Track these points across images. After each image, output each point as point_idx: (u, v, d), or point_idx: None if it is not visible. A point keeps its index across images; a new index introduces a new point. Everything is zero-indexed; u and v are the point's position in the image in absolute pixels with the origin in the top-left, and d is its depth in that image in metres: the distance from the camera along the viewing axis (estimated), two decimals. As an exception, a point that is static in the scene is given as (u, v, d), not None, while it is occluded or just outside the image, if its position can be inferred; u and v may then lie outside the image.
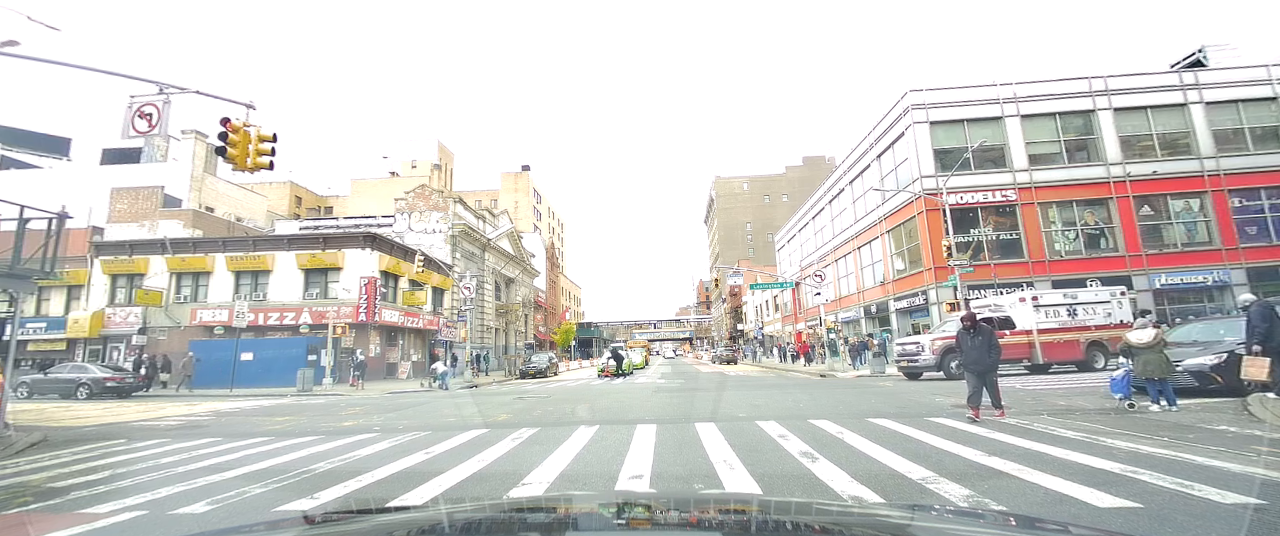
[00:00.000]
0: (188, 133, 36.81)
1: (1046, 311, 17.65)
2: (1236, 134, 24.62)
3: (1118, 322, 18.37)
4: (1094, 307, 18.09)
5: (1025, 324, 17.36)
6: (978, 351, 8.68)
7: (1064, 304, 17.91)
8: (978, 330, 8.82)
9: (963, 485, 4.88)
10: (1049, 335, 17.30)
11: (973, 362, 8.71)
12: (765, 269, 57.55)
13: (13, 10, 9.95)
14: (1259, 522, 3.72)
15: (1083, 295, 18.56)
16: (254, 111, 9.87)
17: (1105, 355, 17.45)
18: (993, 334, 8.80)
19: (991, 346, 8.60)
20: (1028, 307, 17.47)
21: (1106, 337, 17.48)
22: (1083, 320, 17.77)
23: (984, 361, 8.59)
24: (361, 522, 1.79)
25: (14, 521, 5.04)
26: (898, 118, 26.89)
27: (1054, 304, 17.84)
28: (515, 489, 5.42)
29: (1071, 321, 17.67)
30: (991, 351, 8.56)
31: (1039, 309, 17.52)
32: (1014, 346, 16.74)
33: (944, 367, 16.23)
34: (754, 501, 2.10)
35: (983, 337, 8.69)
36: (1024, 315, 17.51)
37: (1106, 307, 18.22)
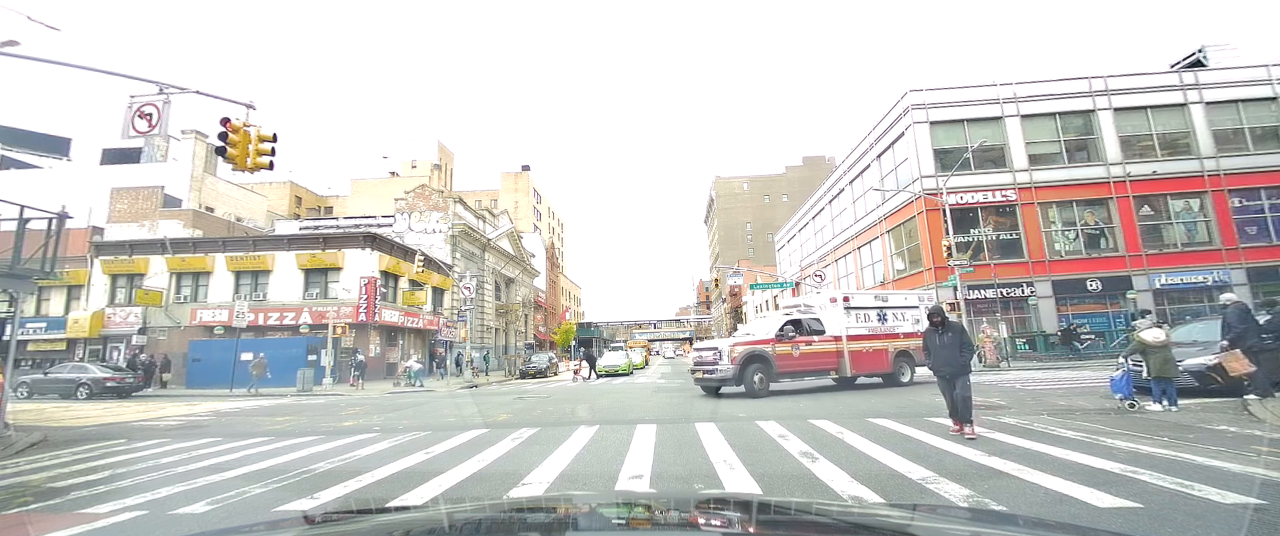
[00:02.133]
0: (188, 133, 36.80)
1: (857, 315, 15.23)
2: (1236, 134, 24.62)
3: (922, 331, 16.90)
4: (903, 313, 16.23)
5: (835, 329, 14.62)
6: (947, 351, 7.41)
7: (875, 308, 15.77)
8: (946, 327, 7.57)
9: (963, 485, 4.88)
10: (859, 343, 14.81)
11: (942, 365, 7.47)
12: (765, 269, 57.54)
13: (13, 10, 9.95)
14: (1259, 522, 3.72)
15: (893, 299, 16.61)
16: (254, 111, 9.87)
17: (911, 367, 15.63)
18: (964, 331, 7.60)
19: (963, 346, 7.37)
20: (838, 309, 14.87)
21: (913, 347, 15.62)
22: (892, 327, 15.71)
23: (954, 363, 7.33)
24: (361, 522, 1.79)
25: (14, 521, 5.04)
26: (898, 118, 26.90)
27: (865, 307, 15.63)
28: (515, 489, 5.42)
29: (881, 328, 15.50)
30: (964, 351, 7.34)
31: (850, 312, 15.05)
32: (821, 355, 14.20)
33: (745, 381, 13.11)
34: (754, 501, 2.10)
35: (952, 335, 7.45)
36: (834, 318, 14.79)
37: (914, 313, 16.44)
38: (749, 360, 13.25)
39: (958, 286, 21.14)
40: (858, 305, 15.43)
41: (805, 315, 14.81)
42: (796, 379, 14.64)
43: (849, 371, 14.41)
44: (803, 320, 14.45)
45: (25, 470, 7.48)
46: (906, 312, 16.35)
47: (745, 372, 13.13)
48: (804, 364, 13.94)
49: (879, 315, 15.66)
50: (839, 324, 14.68)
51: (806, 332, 14.19)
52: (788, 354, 13.68)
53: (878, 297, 16.31)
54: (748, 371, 13.14)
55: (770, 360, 13.41)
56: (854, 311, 15.18)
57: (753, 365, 13.23)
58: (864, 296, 16.15)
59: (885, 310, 15.87)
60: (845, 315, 14.86)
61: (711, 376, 13.66)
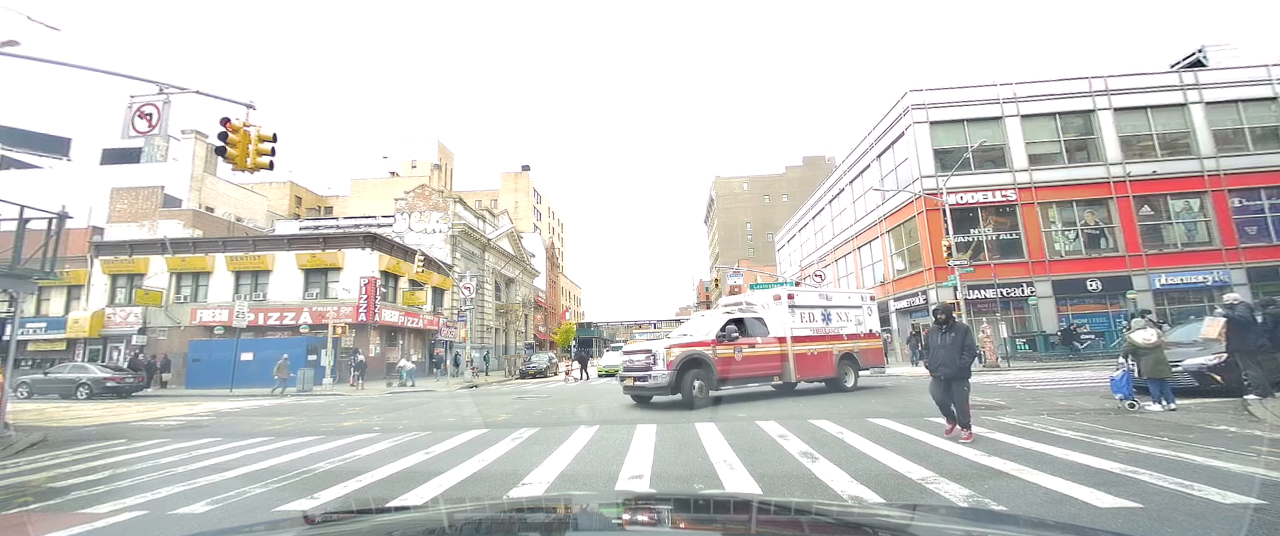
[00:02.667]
0: (188, 133, 36.80)
1: (803, 314, 13.98)
2: (1236, 134, 24.62)
3: (867, 332, 15.45)
4: (847, 313, 15.10)
5: (779, 329, 13.33)
6: (947, 352, 7.14)
7: (821, 307, 14.56)
8: (950, 326, 7.31)
9: (963, 485, 4.88)
10: (804, 345, 13.57)
11: (938, 365, 7.22)
12: (765, 269, 57.53)
13: (13, 10, 9.95)
14: (1259, 522, 3.72)
15: (837, 297, 15.50)
16: (254, 111, 9.87)
17: (855, 371, 14.57)
18: (968, 333, 7.24)
19: (965, 348, 7.08)
20: (783, 308, 13.59)
21: (858, 350, 14.72)
22: (837, 328, 14.55)
23: (953, 364, 7.06)
24: (361, 522, 1.79)
25: (14, 521, 5.04)
26: (898, 118, 26.90)
27: (811, 305, 14.36)
28: (515, 489, 5.42)
29: (826, 329, 14.31)
30: (964, 354, 7.05)
31: (795, 310, 13.78)
32: (765, 359, 12.84)
33: (682, 388, 11.44)
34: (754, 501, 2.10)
35: (954, 335, 7.16)
36: (779, 318, 13.50)
37: (858, 313, 15.44)
38: (687, 364, 11.54)
39: (958, 286, 21.14)
40: (803, 304, 14.17)
41: (748, 314, 13.39)
42: (738, 385, 12.72)
43: (793, 376, 13.11)
44: (745, 319, 13.02)
45: (25, 470, 7.48)
46: (850, 312, 15.25)
47: (683, 379, 11.42)
48: (747, 368, 12.48)
49: (824, 315, 14.46)
50: (784, 324, 13.37)
51: (750, 333, 12.81)
52: (729, 357, 12.15)
53: (823, 296, 15.18)
54: (686, 378, 11.44)
55: (711, 364, 11.81)
56: (799, 310, 13.91)
57: (692, 370, 11.54)
58: (809, 294, 14.97)
59: (830, 310, 14.69)
60: (790, 314, 13.59)
61: (643, 384, 11.72)
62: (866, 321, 15.65)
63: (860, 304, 15.77)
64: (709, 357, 11.88)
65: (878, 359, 15.75)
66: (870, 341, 15.43)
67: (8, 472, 7.36)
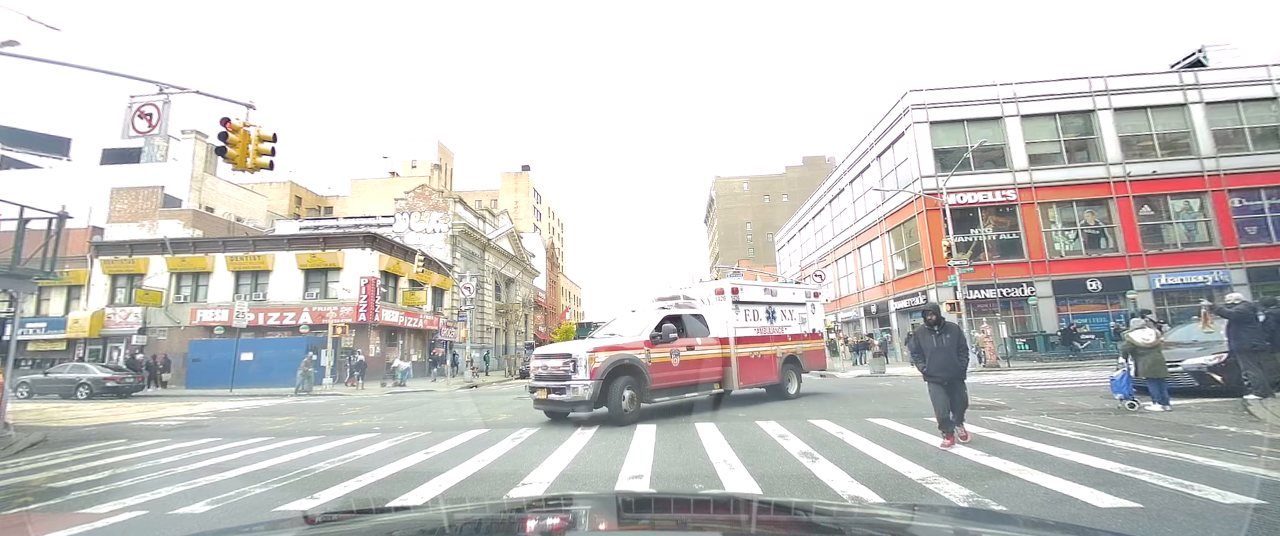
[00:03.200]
0: (188, 133, 36.80)
1: (747, 311, 12.25)
2: (1236, 134, 24.63)
3: (810, 331, 14.05)
4: (790, 310, 13.56)
5: (721, 328, 11.60)
6: (945, 355, 6.74)
7: (765, 303, 12.90)
8: (943, 328, 6.89)
9: (963, 485, 4.88)
10: (748, 346, 11.84)
11: (939, 369, 6.77)
12: (765, 269, 57.53)
13: (13, 10, 9.95)
14: (1259, 522, 3.72)
15: (782, 293, 13.81)
16: (254, 111, 9.87)
17: (798, 376, 13.15)
18: (961, 333, 6.94)
19: (961, 348, 6.75)
20: (726, 304, 11.84)
21: (802, 351, 13.27)
22: (781, 327, 13.01)
23: (952, 367, 6.70)
24: (361, 522, 1.79)
25: (14, 521, 5.04)
26: (898, 118, 26.91)
27: (755, 302, 12.67)
28: (515, 489, 5.42)
29: (770, 328, 12.75)
30: (961, 354, 6.72)
31: (739, 307, 12.04)
32: (707, 363, 11.04)
33: (611, 400, 9.30)
34: (754, 501, 2.10)
35: (950, 336, 6.80)
36: (721, 316, 11.75)
37: (802, 311, 13.98)
38: (616, 371, 9.47)
39: (958, 286, 21.14)
40: (748, 300, 12.46)
41: (686, 310, 11.55)
42: (675, 395, 10.46)
43: (736, 383, 11.32)
44: (684, 317, 11.12)
45: (25, 470, 7.48)
46: (794, 310, 13.73)
47: (611, 389, 9.32)
48: (686, 374, 10.59)
49: (769, 312, 12.85)
50: (727, 322, 11.65)
51: (689, 333, 10.93)
52: (665, 362, 10.23)
53: (768, 290, 13.44)
54: (614, 387, 9.34)
55: (643, 371, 9.81)
56: (744, 307, 12.19)
57: (621, 378, 9.48)
58: (753, 288, 13.16)
59: (775, 307, 13.08)
60: (734, 312, 11.84)
61: (560, 397, 9.41)
62: (810, 320, 14.33)
63: (804, 300, 14.29)
64: (641, 363, 9.80)
65: (820, 360, 14.64)
66: (813, 342, 14.11)
67: (8, 472, 7.36)
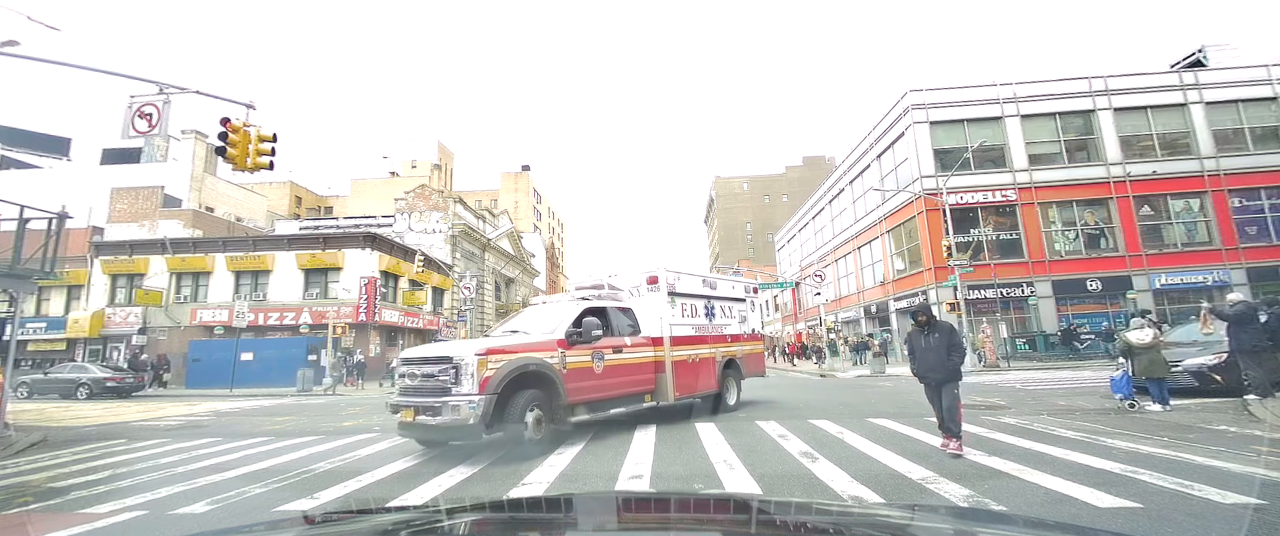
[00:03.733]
0: (188, 133, 36.80)
1: (684, 306, 10.21)
2: (1236, 134, 24.63)
3: (750, 332, 12.44)
4: (730, 307, 11.74)
5: (653, 326, 9.47)
6: (934, 355, 6.40)
7: (703, 297, 10.94)
8: (933, 327, 6.54)
9: (963, 485, 4.88)
10: (685, 349, 9.78)
11: (928, 369, 6.49)
12: (765, 269, 57.55)
13: (13, 10, 9.95)
14: (1259, 522, 3.72)
15: (721, 285, 11.84)
16: (254, 111, 9.87)
17: (738, 382, 11.40)
18: (953, 331, 6.51)
19: (953, 348, 6.35)
20: (660, 298, 9.68)
21: (742, 354, 11.52)
22: (720, 326, 11.14)
23: (942, 367, 6.35)
24: (361, 522, 1.79)
25: (14, 521, 5.04)
26: (898, 118, 26.90)
27: (692, 295, 10.60)
28: (515, 488, 5.42)
29: (709, 326, 10.77)
30: (953, 354, 6.34)
31: (676, 301, 9.98)
32: (637, 369, 8.91)
33: (508, 421, 6.81)
34: (754, 501, 2.10)
35: (939, 336, 6.44)
36: (653, 310, 9.61)
37: (741, 308, 12.22)
38: (518, 382, 7.00)
39: (958, 286, 21.14)
40: (685, 292, 10.38)
41: (612, 303, 9.26)
42: (596, 409, 8.12)
43: (671, 392, 9.19)
44: (609, 311, 8.87)
45: (25, 470, 7.48)
46: (734, 307, 11.96)
47: (510, 407, 6.83)
48: (612, 384, 8.36)
49: (707, 308, 10.92)
50: (660, 319, 9.54)
51: (616, 331, 8.74)
52: (586, 368, 7.93)
53: (706, 282, 11.34)
54: (515, 404, 6.87)
55: (556, 381, 7.40)
56: (680, 300, 10.14)
57: (525, 392, 7.03)
58: (691, 279, 10.86)
59: (713, 302, 11.19)
60: (669, 306, 9.72)
61: (433, 421, 6.67)
62: (750, 318, 12.71)
63: (743, 296, 12.54)
64: (553, 370, 7.37)
65: (760, 365, 12.75)
66: (753, 344, 12.47)
67: (8, 472, 7.36)
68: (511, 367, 6.93)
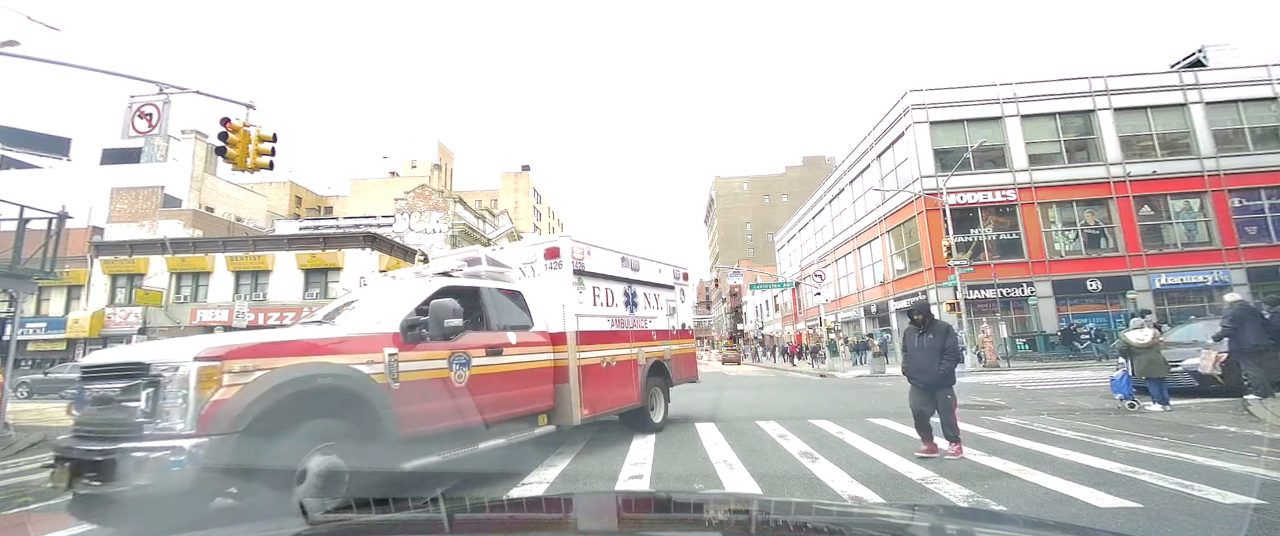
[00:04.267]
0: (188, 133, 36.81)
1: (597, 292, 7.80)
2: (1236, 134, 24.63)
3: (680, 328, 9.88)
4: (658, 296, 9.29)
5: (551, 317, 7.02)
6: (926, 356, 6.12)
7: (624, 280, 8.46)
8: (928, 326, 6.23)
9: (963, 485, 4.88)
10: (597, 349, 7.43)
11: (917, 371, 6.22)
12: (765, 269, 57.55)
13: (13, 10, 9.95)
14: (1259, 522, 3.72)
15: (646, 268, 9.09)
16: (254, 111, 9.88)
17: (666, 391, 9.02)
18: (948, 333, 6.10)
19: (946, 351, 6.03)
20: (563, 277, 7.26)
21: (670, 356, 9.15)
22: (643, 318, 8.71)
23: (933, 370, 6.06)
24: (361, 521, 1.79)
25: (14, 521, 5.03)
26: (898, 118, 26.90)
27: (609, 277, 8.12)
28: (515, 488, 5.42)
29: (630, 319, 8.39)
30: (945, 357, 6.02)
31: (585, 283, 7.54)
32: (523, 378, 6.25)
33: (259, 475, 3.60)
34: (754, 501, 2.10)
35: (934, 337, 6.13)
36: (553, 295, 7.17)
37: (670, 298, 9.73)
38: (295, 406, 3.94)
39: (958, 286, 21.14)
40: (598, 272, 7.81)
41: (487, 282, 6.54)
42: (457, 443, 5.21)
43: (578, 409, 6.73)
44: (484, 293, 6.22)
45: (25, 470, 7.48)
46: (661, 295, 9.37)
47: (273, 450, 3.74)
48: (485, 402, 5.55)
49: (628, 296, 8.43)
50: (564, 307, 7.04)
51: (492, 322, 6.08)
52: (437, 380, 5.15)
53: (627, 262, 8.58)
54: (283, 445, 3.80)
55: (375, 402, 4.42)
56: (592, 284, 7.64)
57: (307, 424, 4.00)
58: (605, 257, 8.10)
59: (636, 288, 8.67)
60: (576, 290, 7.27)
61: (111, 487, 3.39)
62: (680, 310, 10.13)
63: (672, 282, 9.93)
64: (369, 384, 4.46)
65: (691, 368, 10.24)
66: (684, 343, 9.99)
67: (8, 472, 7.36)
68: (276, 385, 3.81)
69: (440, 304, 4.96)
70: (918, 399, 6.23)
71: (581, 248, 7.57)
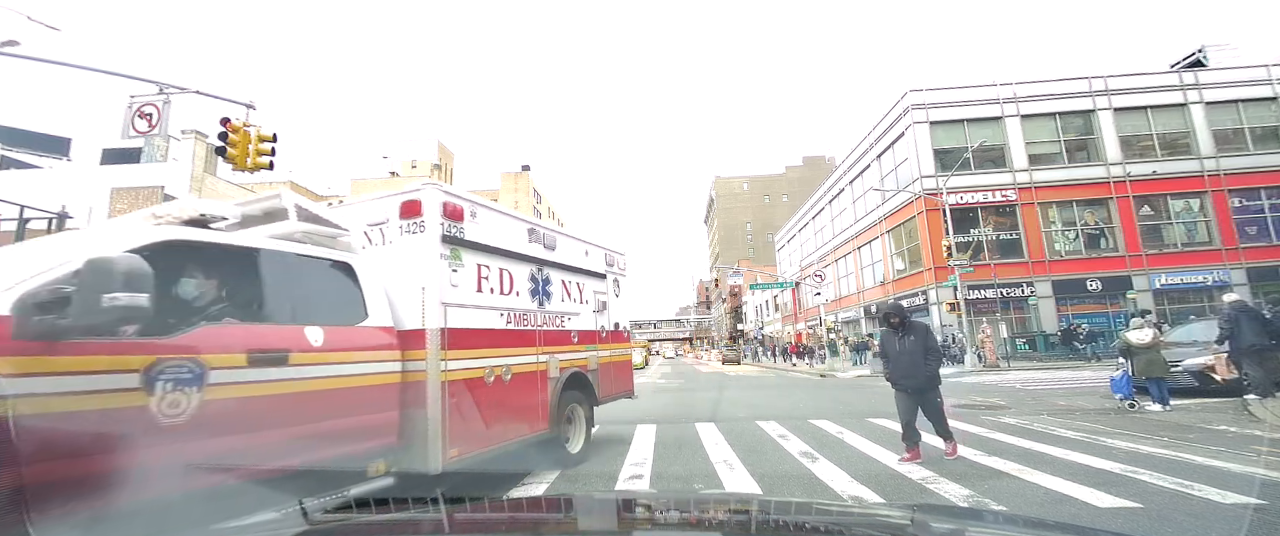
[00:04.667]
0: (188, 133, 36.77)
1: (485, 273, 5.18)
2: (1236, 134, 24.63)
3: (612, 329, 7.78)
4: (583, 286, 7.12)
5: (403, 307, 4.39)
6: (909, 360, 5.90)
7: (530, 260, 5.97)
8: (907, 329, 6.03)
9: (963, 485, 4.88)
10: (480, 354, 4.93)
11: (902, 376, 5.97)
12: (765, 269, 57.56)
13: (13, 10, 9.95)
14: (1259, 522, 3.72)
15: (565, 247, 6.76)
16: (254, 111, 9.88)
17: (588, 411, 6.95)
18: (928, 333, 6.03)
19: (929, 351, 5.89)
20: (425, 250, 4.55)
21: (595, 365, 7.07)
22: (560, 314, 6.44)
23: (918, 374, 5.86)
24: (361, 522, 1.79)
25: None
26: (898, 118, 26.90)
27: (506, 254, 5.53)
28: (515, 489, 5.42)
29: (537, 314, 5.96)
30: (929, 358, 5.87)
31: (461, 256, 4.89)
32: (338, 400, 3.59)
33: None
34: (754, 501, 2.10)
35: (915, 339, 5.93)
36: (406, 274, 4.49)
37: (600, 291, 7.60)
38: None
39: (958, 286, 21.14)
40: (489, 245, 5.30)
41: (289, 247, 3.81)
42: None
43: (439, 448, 4.24)
44: (261, 258, 3.54)
45: (25, 470, 7.46)
46: (587, 285, 7.26)
47: None
48: (238, 447, 3.07)
49: (537, 283, 6.08)
50: (424, 291, 4.49)
51: (277, 313, 3.49)
52: (101, 409, 2.41)
53: (536, 235, 6.22)
54: None
55: None
56: (478, 261, 5.14)
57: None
58: (503, 225, 5.64)
59: (549, 272, 6.33)
60: (447, 269, 4.72)
61: None
62: (614, 307, 8.05)
63: (604, 271, 7.87)
64: None
65: (625, 381, 8.21)
66: (616, 349, 7.94)
67: (8, 472, 7.33)
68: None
69: (101, 265, 2.36)
70: (905, 404, 5.97)
71: (459, 205, 5.00)
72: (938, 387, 5.98)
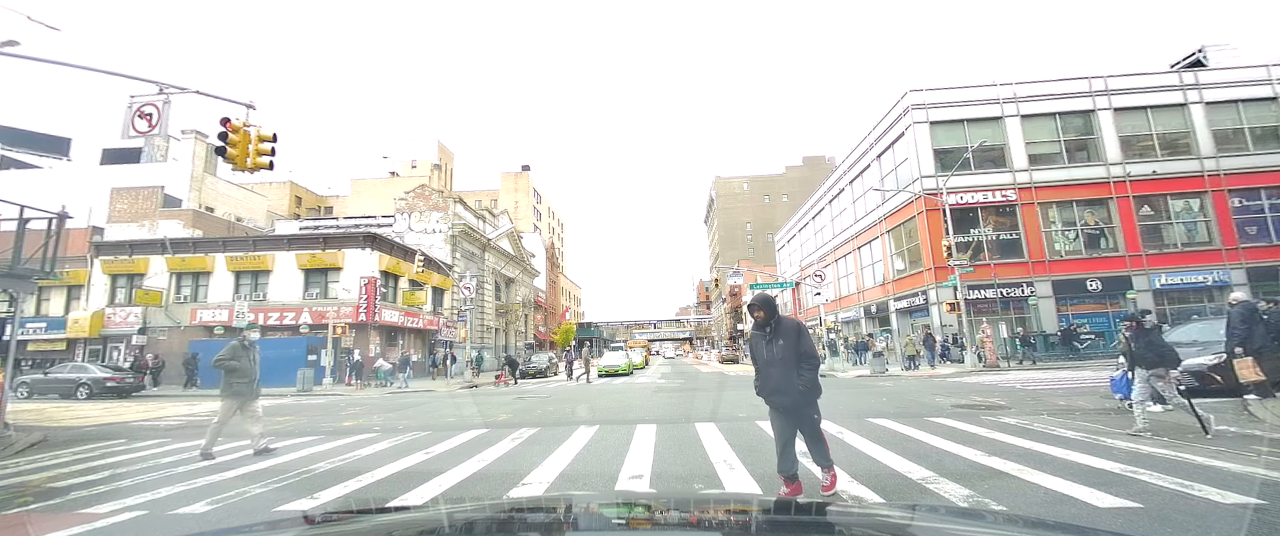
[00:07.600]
0: (188, 133, 36.79)
1: None
2: (1236, 134, 24.62)
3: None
4: None
5: None
6: (780, 371, 4.55)
7: None
8: (776, 327, 4.66)
9: (963, 485, 4.88)
10: None
11: (772, 390, 4.64)
12: (765, 269, 57.53)
13: (13, 10, 9.95)
14: (1259, 522, 3.72)
15: None
16: (254, 111, 9.87)
17: None
18: (801, 334, 4.62)
19: (803, 357, 4.53)
20: None
21: None
22: None
23: (790, 388, 4.52)
24: (361, 522, 1.79)
25: (14, 521, 5.04)
26: (898, 118, 26.90)
27: None
28: (515, 489, 5.42)
29: None
30: (804, 365, 4.52)
31: None
32: None
33: None
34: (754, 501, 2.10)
35: (786, 343, 4.55)
36: None
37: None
38: None
39: (958, 286, 21.14)
40: None
41: None
42: None
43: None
44: None
45: (25, 470, 7.48)
46: None
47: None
48: None
49: None
50: None
51: None
52: None
53: None
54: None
55: None
56: None
57: None
58: None
59: None
60: None
61: None
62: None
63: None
64: None
65: None
66: None
67: (8, 472, 7.36)
68: None
69: None
70: (780, 424, 4.67)
71: None
72: (815, 402, 4.67)
